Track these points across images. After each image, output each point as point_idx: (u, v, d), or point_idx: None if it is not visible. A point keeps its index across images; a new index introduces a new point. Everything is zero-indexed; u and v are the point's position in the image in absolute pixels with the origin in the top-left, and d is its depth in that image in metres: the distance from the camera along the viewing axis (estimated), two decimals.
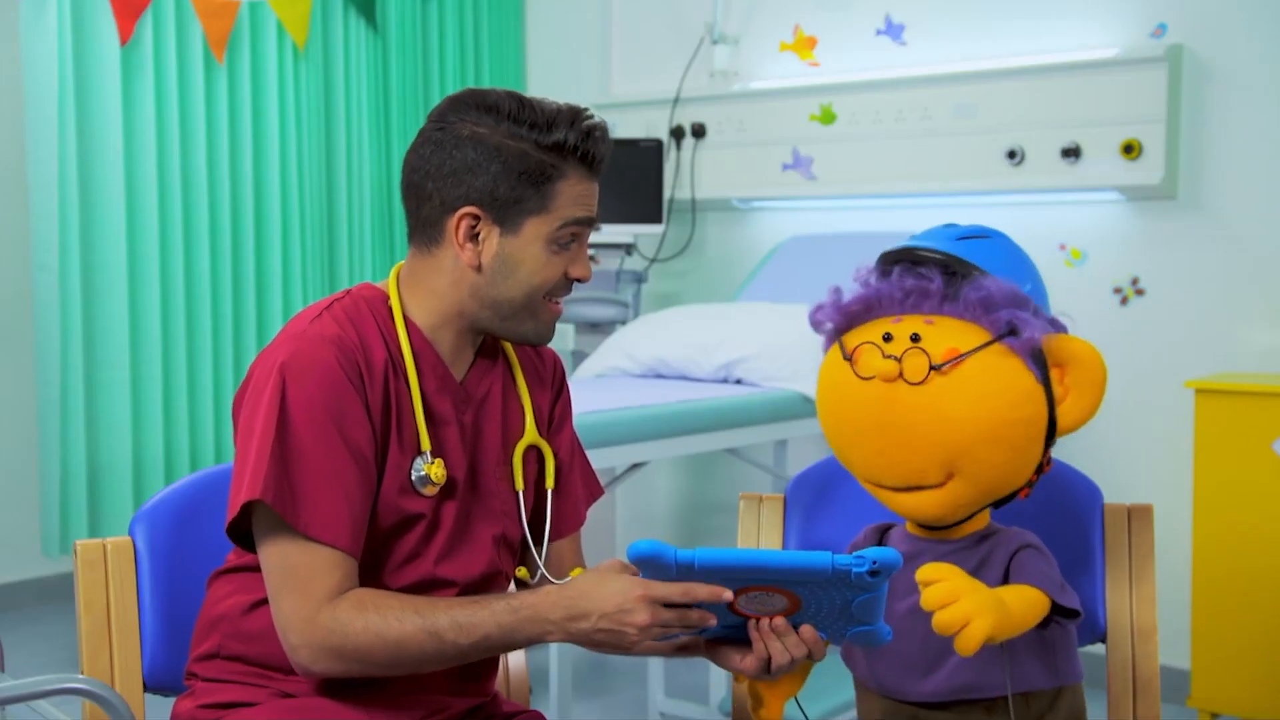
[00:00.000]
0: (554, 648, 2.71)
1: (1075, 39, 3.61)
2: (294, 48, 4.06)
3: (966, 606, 1.24)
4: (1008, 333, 1.37)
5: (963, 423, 1.34)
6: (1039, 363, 1.39)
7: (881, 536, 1.50)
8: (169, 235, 3.81)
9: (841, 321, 1.46)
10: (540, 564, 1.62)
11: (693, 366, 3.55)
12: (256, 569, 1.49)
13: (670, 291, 4.48)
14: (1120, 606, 1.61)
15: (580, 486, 1.71)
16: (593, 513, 4.36)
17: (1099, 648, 1.64)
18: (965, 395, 1.35)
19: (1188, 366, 3.43)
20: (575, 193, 1.50)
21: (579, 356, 4.11)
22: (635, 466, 3.28)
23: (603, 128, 1.52)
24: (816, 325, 1.51)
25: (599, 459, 2.91)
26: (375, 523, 1.49)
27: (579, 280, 1.54)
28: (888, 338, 1.38)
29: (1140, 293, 3.55)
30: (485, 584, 1.58)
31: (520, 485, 1.60)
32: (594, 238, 4.13)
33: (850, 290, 1.48)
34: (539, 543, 1.63)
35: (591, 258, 1.88)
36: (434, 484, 1.51)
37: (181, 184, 3.83)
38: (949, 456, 1.35)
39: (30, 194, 3.62)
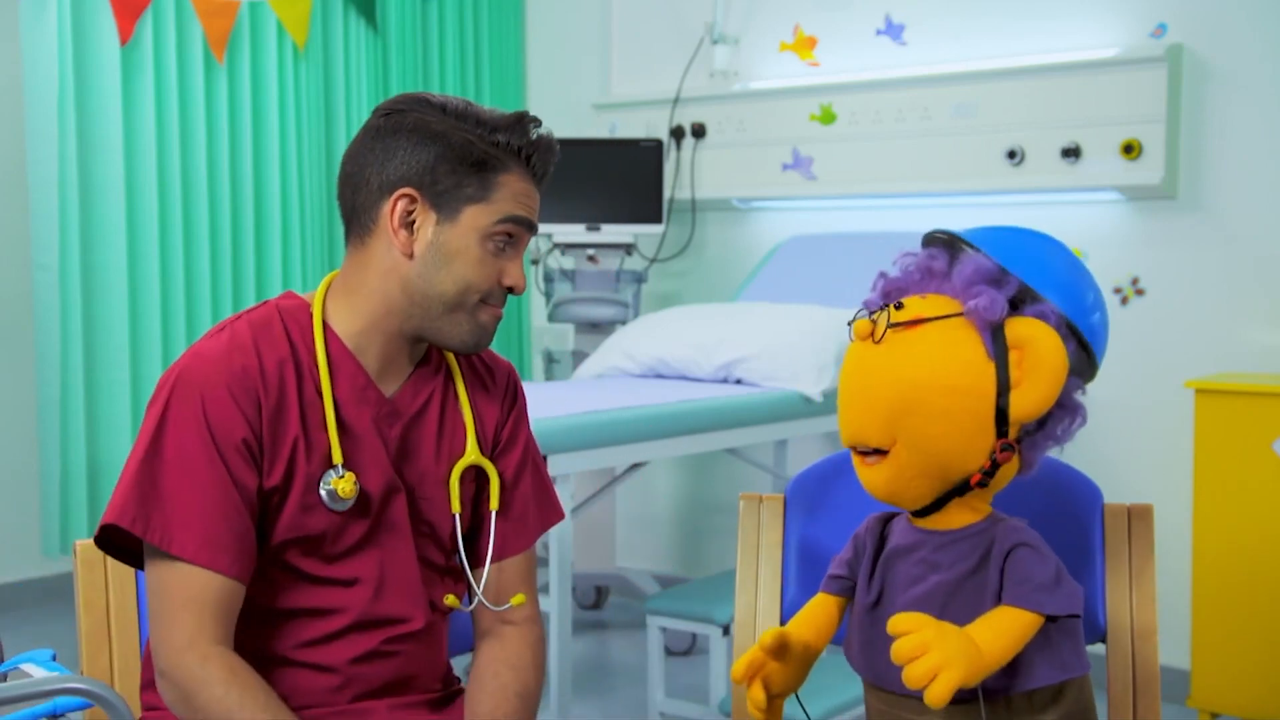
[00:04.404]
0: (554, 647, 2.71)
1: (1075, 39, 3.61)
2: (294, 48, 4.06)
3: (935, 659, 1.25)
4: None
5: (903, 382, 1.37)
6: (998, 341, 1.38)
7: (884, 526, 1.51)
8: (169, 235, 3.81)
9: (876, 305, 1.51)
10: (479, 590, 1.55)
11: (693, 366, 3.55)
12: None
13: (670, 291, 4.48)
14: (1120, 606, 1.61)
15: (532, 508, 1.61)
16: (593, 514, 4.36)
17: (1099, 648, 1.64)
18: (912, 354, 1.38)
19: (1188, 366, 3.43)
20: (517, 189, 1.47)
21: (579, 356, 4.11)
22: (635, 466, 3.28)
23: (549, 138, 1.49)
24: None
25: (599, 459, 2.90)
26: (275, 537, 1.44)
27: (511, 290, 1.49)
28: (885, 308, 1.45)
29: (1140, 293, 3.55)
30: (400, 609, 1.50)
31: (457, 508, 1.53)
32: (594, 238, 4.13)
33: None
34: (477, 567, 1.56)
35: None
36: (343, 499, 1.44)
37: (181, 184, 3.82)
38: (890, 416, 1.38)
39: (30, 194, 3.62)
